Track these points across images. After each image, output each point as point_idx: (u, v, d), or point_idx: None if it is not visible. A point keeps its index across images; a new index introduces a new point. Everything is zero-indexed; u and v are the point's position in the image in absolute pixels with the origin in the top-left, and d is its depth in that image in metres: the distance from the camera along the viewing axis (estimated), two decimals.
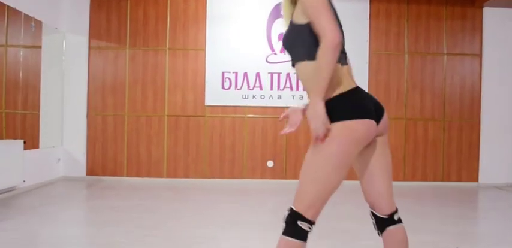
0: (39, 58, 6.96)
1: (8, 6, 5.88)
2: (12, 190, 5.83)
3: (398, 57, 7.67)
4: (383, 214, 2.15)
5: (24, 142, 6.01)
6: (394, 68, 7.67)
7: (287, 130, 2.04)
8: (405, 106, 7.63)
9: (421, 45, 7.70)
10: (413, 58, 7.67)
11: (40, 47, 6.94)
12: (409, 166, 7.61)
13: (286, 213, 2.02)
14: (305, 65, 2.06)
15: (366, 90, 7.28)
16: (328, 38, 1.91)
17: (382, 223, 2.16)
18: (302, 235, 1.99)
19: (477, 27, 7.72)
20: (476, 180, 7.63)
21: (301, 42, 2.07)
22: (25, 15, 6.36)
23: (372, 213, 2.18)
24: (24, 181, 6.00)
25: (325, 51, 1.90)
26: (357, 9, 7.59)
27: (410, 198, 6.28)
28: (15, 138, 6.12)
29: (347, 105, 2.01)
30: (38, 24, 6.70)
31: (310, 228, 1.98)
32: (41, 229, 4.23)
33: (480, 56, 7.71)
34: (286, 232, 2.01)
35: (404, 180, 7.54)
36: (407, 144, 7.60)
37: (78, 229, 4.43)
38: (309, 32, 2.01)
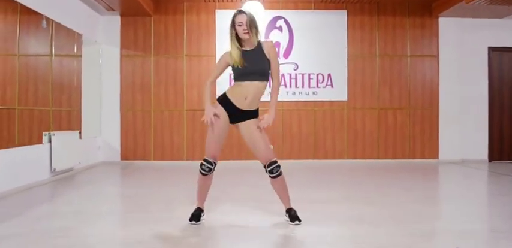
0: (80, 65, 7.47)
1: (54, 22, 6.37)
2: (72, 170, 6.84)
3: (371, 59, 8.53)
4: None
5: (80, 133, 7.00)
6: (368, 68, 8.52)
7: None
8: (377, 98, 8.52)
9: (389, 49, 8.54)
10: (383, 60, 8.55)
11: (81, 55, 7.47)
12: (382, 147, 8.51)
13: (276, 164, 3.57)
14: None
15: (346, 87, 8.52)
16: (280, 81, 3.65)
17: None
18: None
19: (434, 34, 8.56)
20: (437, 157, 8.53)
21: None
22: (68, 29, 6.95)
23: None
24: (80, 163, 6.99)
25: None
26: (337, 21, 8.48)
27: (385, 172, 7.32)
28: (61, 131, 6.68)
29: None
30: (79, 37, 7.33)
31: None
32: (99, 191, 5.41)
33: (437, 56, 8.54)
34: (281, 173, 3.60)
35: (378, 158, 8.48)
36: (380, 129, 8.51)
37: (119, 191, 5.54)
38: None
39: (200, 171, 3.64)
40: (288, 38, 8.53)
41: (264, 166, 3.60)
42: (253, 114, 3.67)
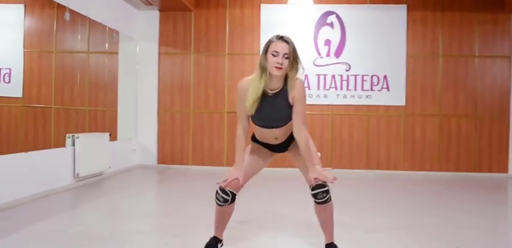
0: (117, 63, 7.19)
1: (90, 19, 6.17)
2: (101, 174, 6.34)
3: (433, 59, 7.70)
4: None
5: (110, 135, 6.51)
6: (429, 70, 7.69)
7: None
8: (440, 104, 7.66)
9: (455, 49, 7.69)
10: (447, 60, 7.69)
11: (117, 53, 7.19)
12: (443, 158, 7.64)
13: (323, 189, 2.77)
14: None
15: (404, 90, 7.66)
16: (306, 134, 2.80)
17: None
18: None
19: (507, 31, 7.64)
20: (506, 170, 7.59)
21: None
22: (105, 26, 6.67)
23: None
24: (110, 167, 6.49)
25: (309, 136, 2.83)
26: (396, 16, 7.68)
27: (448, 188, 6.48)
28: (97, 131, 6.44)
29: None
30: (116, 33, 6.98)
31: None
32: (120, 203, 4.81)
33: (510, 57, 7.63)
34: (329, 199, 2.82)
35: (439, 170, 7.61)
36: (442, 137, 7.65)
37: (143, 204, 4.92)
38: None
39: (215, 200, 2.89)
40: (340, 35, 7.75)
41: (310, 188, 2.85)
42: (290, 139, 3.01)
